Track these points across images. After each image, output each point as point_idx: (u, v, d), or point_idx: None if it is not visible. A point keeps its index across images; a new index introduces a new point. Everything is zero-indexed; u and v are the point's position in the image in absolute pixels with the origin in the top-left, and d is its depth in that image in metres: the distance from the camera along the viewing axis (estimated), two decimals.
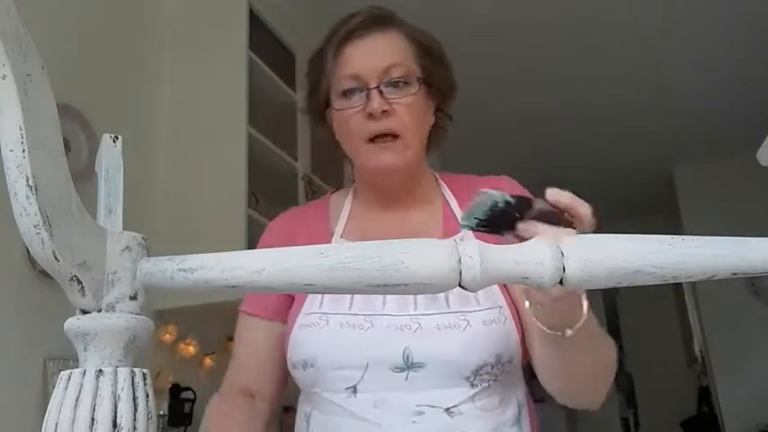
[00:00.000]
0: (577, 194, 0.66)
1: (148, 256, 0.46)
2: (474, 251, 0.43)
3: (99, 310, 0.43)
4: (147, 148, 2.25)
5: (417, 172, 1.04)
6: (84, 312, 0.43)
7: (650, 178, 5.40)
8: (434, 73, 1.02)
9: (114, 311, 0.43)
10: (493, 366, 0.88)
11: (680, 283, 3.80)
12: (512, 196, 0.63)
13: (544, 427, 1.05)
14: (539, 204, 0.65)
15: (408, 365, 0.87)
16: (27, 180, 0.38)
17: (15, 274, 1.64)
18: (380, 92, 0.95)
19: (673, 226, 5.26)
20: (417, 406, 0.86)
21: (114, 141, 0.49)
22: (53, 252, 0.40)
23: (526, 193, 0.85)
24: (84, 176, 1.31)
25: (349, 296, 0.92)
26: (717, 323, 4.83)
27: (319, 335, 0.91)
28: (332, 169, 2.72)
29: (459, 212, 1.00)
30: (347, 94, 0.97)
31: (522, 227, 0.63)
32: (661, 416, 6.01)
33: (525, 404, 0.97)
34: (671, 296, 6.33)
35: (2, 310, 1.60)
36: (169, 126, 2.35)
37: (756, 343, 4.67)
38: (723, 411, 4.73)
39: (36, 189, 0.39)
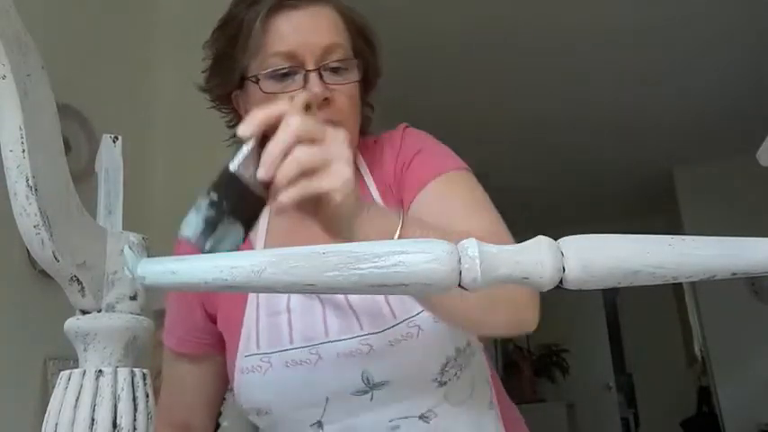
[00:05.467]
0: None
1: (148, 256, 0.46)
2: (474, 251, 0.43)
3: (99, 311, 0.43)
4: (147, 148, 2.25)
5: None
6: (84, 312, 0.43)
7: (650, 178, 5.40)
8: (367, 59, 0.91)
9: (114, 312, 0.43)
10: (456, 359, 0.83)
11: (680, 283, 3.80)
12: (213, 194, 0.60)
13: (545, 427, 1.04)
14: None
15: (370, 386, 0.81)
16: (27, 180, 0.38)
17: (15, 274, 1.63)
18: (320, 75, 0.83)
19: (673, 226, 5.27)
20: (390, 421, 0.81)
21: (114, 141, 0.49)
22: (53, 252, 0.40)
23: (413, 138, 0.90)
24: (84, 176, 1.31)
25: (287, 328, 0.84)
26: (717, 323, 4.83)
27: (265, 380, 0.83)
28: None
29: (375, 192, 0.89)
30: (280, 75, 0.83)
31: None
32: (661, 416, 6.01)
33: (492, 377, 0.93)
34: (671, 296, 6.33)
35: (2, 310, 1.60)
36: (169, 126, 2.34)
37: (756, 343, 4.67)
38: (723, 411, 4.73)
39: (36, 189, 0.38)
